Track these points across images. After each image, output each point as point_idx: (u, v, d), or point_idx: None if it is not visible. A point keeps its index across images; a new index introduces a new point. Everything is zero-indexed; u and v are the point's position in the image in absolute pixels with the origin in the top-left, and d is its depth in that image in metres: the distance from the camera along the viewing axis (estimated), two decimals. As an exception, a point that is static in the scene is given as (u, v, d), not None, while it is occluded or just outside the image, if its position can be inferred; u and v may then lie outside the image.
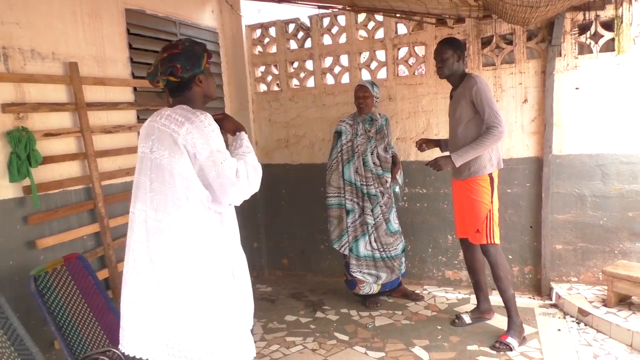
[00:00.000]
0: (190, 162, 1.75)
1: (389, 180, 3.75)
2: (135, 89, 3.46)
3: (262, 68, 4.71)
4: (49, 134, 2.76)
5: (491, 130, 2.91)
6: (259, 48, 4.70)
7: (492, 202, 3.07)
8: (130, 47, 3.41)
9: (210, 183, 1.77)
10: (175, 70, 1.81)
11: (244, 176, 1.79)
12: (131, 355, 1.86)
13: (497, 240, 3.10)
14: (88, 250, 3.04)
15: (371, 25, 4.25)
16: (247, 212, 4.34)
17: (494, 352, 3.00)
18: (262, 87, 4.75)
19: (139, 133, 1.93)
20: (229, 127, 2.02)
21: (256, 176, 1.86)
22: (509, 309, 3.12)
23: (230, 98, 4.66)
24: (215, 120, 1.87)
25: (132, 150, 3.39)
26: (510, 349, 3.00)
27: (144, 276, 1.82)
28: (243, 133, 2.01)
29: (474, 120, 3.03)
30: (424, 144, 3.39)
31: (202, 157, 1.75)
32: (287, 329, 3.53)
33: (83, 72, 3.00)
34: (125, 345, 1.86)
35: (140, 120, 3.49)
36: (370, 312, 3.74)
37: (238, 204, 1.86)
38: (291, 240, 4.75)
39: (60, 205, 2.87)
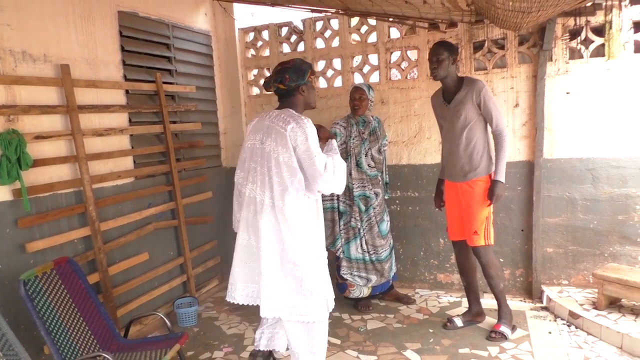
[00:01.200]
0: (293, 153, 2.24)
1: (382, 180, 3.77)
2: (127, 91, 3.44)
3: (255, 71, 4.71)
4: (39, 137, 2.74)
5: (501, 134, 3.02)
6: (251, 51, 4.70)
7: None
8: (123, 49, 3.40)
9: (305, 172, 2.27)
10: (284, 79, 2.30)
11: (331, 170, 2.28)
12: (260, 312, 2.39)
13: (492, 241, 3.16)
14: (78, 254, 3.01)
15: (364, 29, 4.27)
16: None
17: (485, 355, 3.01)
18: (255, 91, 4.74)
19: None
20: (323, 134, 2.55)
21: (341, 171, 2.35)
22: (499, 300, 3.22)
23: (222, 101, 4.64)
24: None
25: (124, 153, 3.38)
26: (505, 338, 3.12)
27: (252, 243, 2.36)
28: (333, 140, 2.55)
29: (478, 122, 3.09)
30: (441, 202, 3.44)
31: (300, 150, 2.25)
32: (280, 333, 3.51)
33: (75, 74, 2.99)
34: (237, 297, 2.46)
35: (132, 122, 3.48)
36: (362, 316, 3.74)
37: (327, 193, 2.36)
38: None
39: (50, 208, 2.85)
